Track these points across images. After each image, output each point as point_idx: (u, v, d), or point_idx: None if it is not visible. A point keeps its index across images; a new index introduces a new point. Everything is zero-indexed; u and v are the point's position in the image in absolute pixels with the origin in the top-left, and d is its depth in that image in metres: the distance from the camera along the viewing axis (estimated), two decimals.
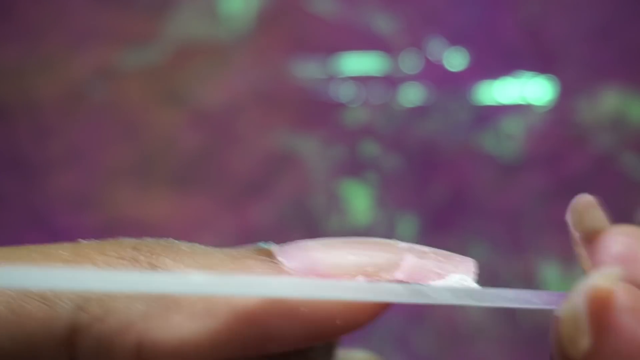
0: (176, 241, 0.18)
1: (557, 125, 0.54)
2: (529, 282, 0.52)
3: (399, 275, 0.18)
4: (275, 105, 0.54)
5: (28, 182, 0.53)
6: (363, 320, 0.18)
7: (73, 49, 0.54)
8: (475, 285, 0.19)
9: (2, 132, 0.53)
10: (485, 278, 0.19)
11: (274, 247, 0.18)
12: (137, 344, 0.17)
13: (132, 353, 0.17)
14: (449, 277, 0.19)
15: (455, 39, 0.54)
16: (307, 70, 0.54)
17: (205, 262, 0.18)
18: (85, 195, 0.53)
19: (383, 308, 0.18)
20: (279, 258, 0.18)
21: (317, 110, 0.54)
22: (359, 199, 0.53)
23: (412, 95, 0.54)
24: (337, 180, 0.53)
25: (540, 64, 0.54)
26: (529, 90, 0.54)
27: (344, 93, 0.54)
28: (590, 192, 0.19)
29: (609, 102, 0.54)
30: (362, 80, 0.54)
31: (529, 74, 0.54)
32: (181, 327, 0.17)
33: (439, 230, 0.53)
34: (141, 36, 0.54)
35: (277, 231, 0.51)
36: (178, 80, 0.54)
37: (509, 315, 0.52)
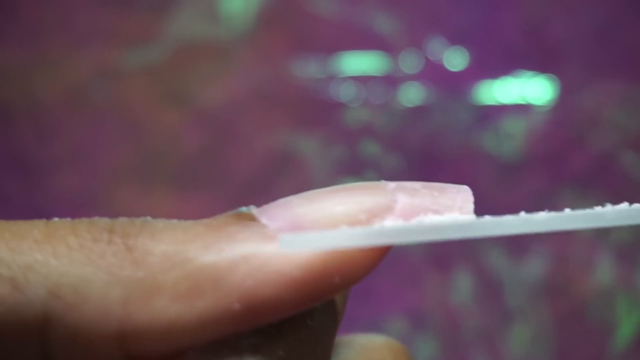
0: (150, 219, 0.17)
1: (557, 125, 0.54)
2: (529, 281, 0.52)
3: (393, 218, 0.17)
4: (275, 105, 0.54)
5: (30, 181, 0.53)
6: (362, 271, 0.17)
7: (74, 49, 0.54)
8: (472, 216, 0.17)
9: (4, 131, 0.53)
10: (486, 278, 0.19)
11: (254, 210, 0.17)
12: (118, 331, 0.16)
13: (113, 342, 0.16)
14: (447, 213, 0.17)
15: (455, 39, 0.54)
16: (307, 70, 0.54)
17: (185, 237, 0.17)
18: (87, 195, 0.53)
19: (383, 253, 0.17)
20: (261, 220, 0.17)
21: (317, 110, 0.54)
22: None
23: (412, 95, 0.54)
24: (337, 180, 0.53)
25: (540, 64, 0.54)
26: (529, 90, 0.54)
27: (344, 93, 0.54)
28: (591, 192, 0.19)
29: (610, 101, 0.54)
30: (362, 80, 0.54)
31: (529, 73, 0.54)
32: (165, 310, 0.16)
33: None
34: (142, 36, 0.54)
35: None
36: (179, 80, 0.54)
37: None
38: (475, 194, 0.18)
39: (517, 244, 0.53)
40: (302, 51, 0.54)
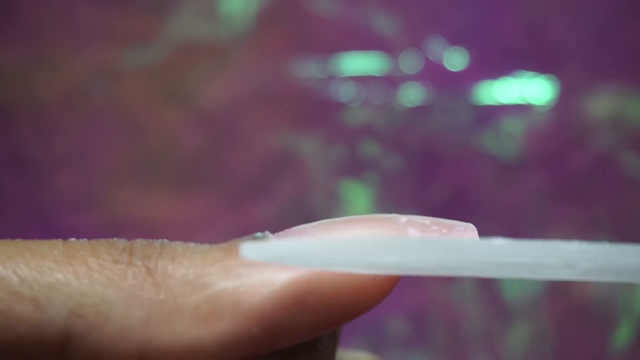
0: (168, 242, 0.18)
1: (557, 125, 0.54)
2: (529, 281, 0.52)
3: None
4: (275, 105, 0.54)
5: (30, 181, 0.53)
6: (376, 298, 0.17)
7: (74, 49, 0.54)
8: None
9: (4, 131, 0.54)
10: (486, 278, 0.19)
11: (269, 236, 0.18)
12: (139, 353, 0.16)
13: None
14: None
15: (455, 39, 0.54)
16: (307, 70, 0.54)
17: (204, 261, 0.17)
18: (87, 195, 0.53)
19: (395, 281, 0.18)
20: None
21: (317, 110, 0.54)
22: (359, 199, 0.53)
23: (412, 95, 0.54)
24: (337, 180, 0.53)
25: (540, 64, 0.54)
26: (529, 90, 0.54)
27: (344, 93, 0.54)
28: (591, 192, 0.19)
29: (610, 102, 0.54)
30: (362, 80, 0.54)
31: (529, 74, 0.54)
32: (186, 332, 0.16)
33: None
34: (142, 36, 0.54)
35: (278, 230, 0.51)
36: (179, 80, 0.54)
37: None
38: (475, 194, 0.18)
39: None
40: (302, 51, 0.54)
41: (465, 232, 0.18)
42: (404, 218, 0.18)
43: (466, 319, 0.52)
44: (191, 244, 0.18)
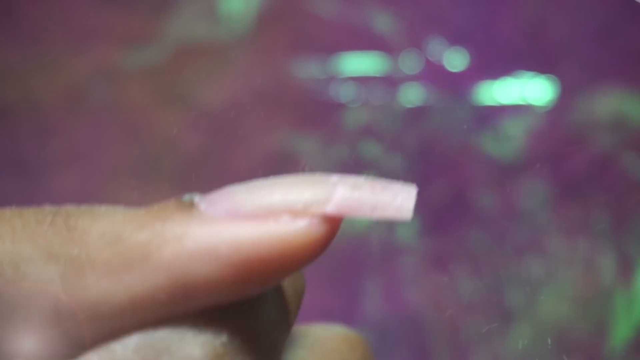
0: (97, 206, 0.18)
1: (557, 125, 0.54)
2: (529, 281, 0.52)
3: (330, 209, 0.17)
4: (275, 105, 0.54)
5: (30, 181, 0.53)
6: (303, 258, 0.17)
7: (74, 49, 0.54)
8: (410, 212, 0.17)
9: (4, 132, 0.53)
10: (486, 278, 0.19)
11: (196, 197, 0.18)
12: (53, 307, 0.16)
13: (49, 317, 0.16)
14: (386, 209, 0.17)
15: (455, 39, 0.54)
16: (307, 70, 0.54)
17: (123, 219, 0.17)
18: (87, 195, 0.53)
19: (323, 241, 0.17)
20: (201, 205, 0.17)
21: (317, 110, 0.54)
22: None
23: (412, 95, 0.54)
24: None
25: (540, 64, 0.54)
26: (529, 90, 0.54)
27: (344, 93, 0.54)
28: (591, 192, 0.19)
29: (609, 102, 0.54)
30: (362, 80, 0.54)
31: (529, 74, 0.54)
32: (96, 286, 0.16)
33: (439, 230, 0.53)
34: (142, 36, 0.54)
35: None
36: (179, 80, 0.54)
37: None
38: (475, 195, 0.18)
39: (517, 244, 0.53)
40: (302, 51, 0.54)
41: (398, 194, 0.18)
42: (335, 178, 0.18)
43: (466, 319, 0.52)
44: (118, 207, 0.18)
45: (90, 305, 0.16)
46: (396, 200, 0.17)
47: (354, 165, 0.53)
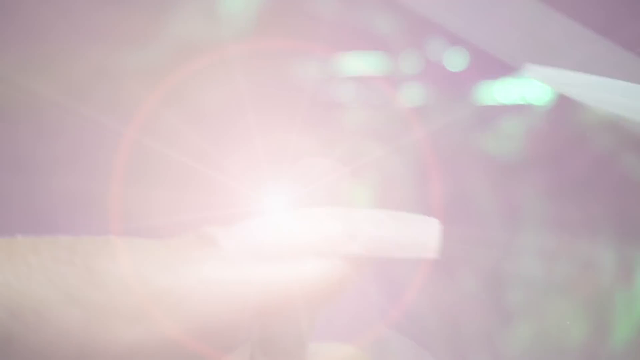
0: (113, 238, 0.17)
1: (557, 125, 0.54)
2: (529, 281, 0.52)
3: (356, 249, 0.17)
4: (275, 106, 0.54)
5: (29, 181, 0.53)
6: (330, 295, 0.17)
7: (74, 49, 0.54)
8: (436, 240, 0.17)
9: (3, 131, 0.53)
10: (486, 278, 0.19)
11: (216, 231, 0.17)
12: (77, 353, 0.16)
13: None
14: (410, 245, 0.17)
15: (455, 39, 0.54)
16: (307, 70, 0.54)
17: (144, 259, 0.17)
18: (87, 195, 0.53)
19: (342, 283, 0.17)
20: (222, 242, 0.17)
21: (317, 110, 0.54)
22: (359, 199, 0.53)
23: (412, 95, 0.54)
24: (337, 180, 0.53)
25: (540, 64, 0.54)
26: (529, 90, 0.54)
27: (344, 93, 0.54)
28: (590, 192, 0.19)
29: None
30: (362, 81, 0.54)
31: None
32: (122, 333, 0.16)
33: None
34: (142, 36, 0.54)
35: None
36: (178, 80, 0.54)
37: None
38: (474, 194, 0.18)
39: (517, 244, 0.53)
40: (302, 51, 0.54)
41: (423, 232, 0.17)
42: (358, 214, 0.18)
43: (466, 319, 0.52)
44: (136, 240, 0.17)
45: (116, 351, 0.16)
46: (421, 238, 0.18)
47: (354, 165, 0.53)
